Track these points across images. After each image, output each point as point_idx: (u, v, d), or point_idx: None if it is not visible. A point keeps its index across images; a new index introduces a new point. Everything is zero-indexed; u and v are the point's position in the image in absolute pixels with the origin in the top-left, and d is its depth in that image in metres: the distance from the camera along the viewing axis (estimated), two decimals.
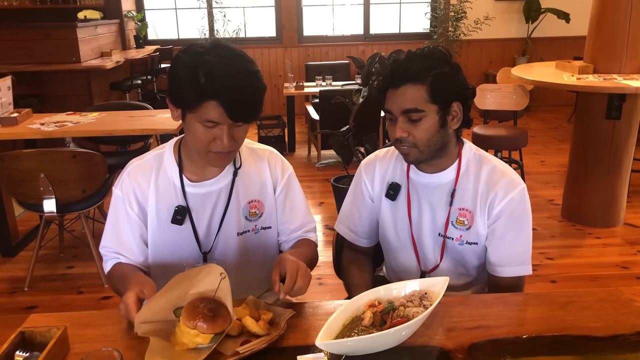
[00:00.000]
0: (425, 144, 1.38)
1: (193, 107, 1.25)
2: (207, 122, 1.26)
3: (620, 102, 3.34)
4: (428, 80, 1.34)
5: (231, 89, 1.22)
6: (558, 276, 3.07)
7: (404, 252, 1.56)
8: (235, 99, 1.23)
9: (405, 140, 1.38)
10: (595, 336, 1.17)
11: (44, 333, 1.13)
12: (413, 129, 1.37)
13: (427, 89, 1.34)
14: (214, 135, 1.28)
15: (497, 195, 1.43)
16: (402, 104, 1.35)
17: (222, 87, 1.22)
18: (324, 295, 2.91)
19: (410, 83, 1.35)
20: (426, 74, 1.34)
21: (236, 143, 1.32)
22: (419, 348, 1.14)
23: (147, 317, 1.14)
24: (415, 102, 1.35)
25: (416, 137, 1.37)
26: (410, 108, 1.35)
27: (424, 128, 1.36)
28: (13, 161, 2.78)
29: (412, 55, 1.38)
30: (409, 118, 1.36)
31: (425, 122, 1.36)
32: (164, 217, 1.43)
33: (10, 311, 2.83)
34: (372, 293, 1.24)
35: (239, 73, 1.24)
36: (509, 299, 1.34)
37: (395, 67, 1.37)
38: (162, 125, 3.29)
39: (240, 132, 1.32)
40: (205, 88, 1.22)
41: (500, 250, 1.45)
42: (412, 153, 1.40)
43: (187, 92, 1.25)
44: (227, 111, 1.23)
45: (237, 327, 1.15)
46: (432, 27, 7.07)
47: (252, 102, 1.27)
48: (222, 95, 1.22)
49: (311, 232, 1.59)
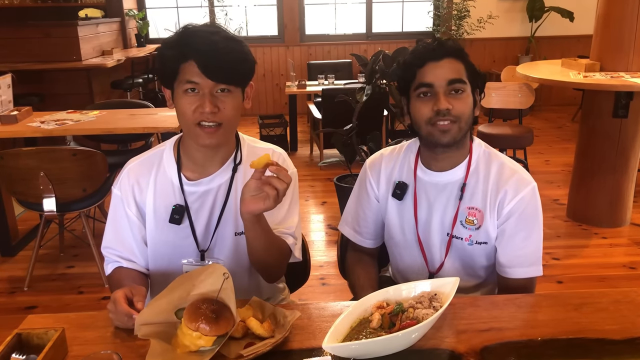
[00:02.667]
0: (466, 120, 1.37)
1: (175, 74, 1.28)
2: (187, 83, 1.27)
3: (627, 100, 3.30)
4: (466, 58, 1.38)
5: (207, 45, 1.25)
6: (564, 277, 3.03)
7: (410, 252, 1.52)
8: (211, 56, 1.25)
9: (449, 113, 1.34)
10: (611, 339, 1.13)
11: (41, 335, 1.09)
12: (456, 101, 1.35)
13: (465, 66, 1.37)
14: (197, 102, 1.28)
15: (507, 194, 1.39)
16: (447, 74, 1.35)
17: (199, 45, 1.25)
18: (328, 295, 2.88)
19: (452, 57, 1.36)
20: (463, 52, 1.39)
21: (222, 114, 1.29)
22: (430, 351, 1.10)
23: (148, 318, 1.11)
24: (460, 73, 1.36)
25: (459, 109, 1.35)
26: (456, 78, 1.35)
27: (466, 102, 1.36)
28: (12, 159, 2.75)
29: (439, 39, 1.41)
30: (453, 89, 1.35)
31: (467, 97, 1.37)
32: (162, 216, 1.40)
33: (10, 311, 2.80)
34: (381, 294, 1.20)
35: (219, 35, 1.27)
36: (521, 300, 1.30)
37: (431, 45, 1.38)
38: (163, 123, 3.26)
39: (226, 103, 1.29)
40: (183, 48, 1.26)
41: (510, 250, 1.41)
42: (453, 129, 1.36)
43: (169, 57, 1.28)
44: (202, 68, 1.24)
45: (241, 329, 1.11)
46: (435, 25, 7.03)
47: (229, 61, 1.27)
48: (197, 53, 1.24)
49: (289, 236, 1.42)
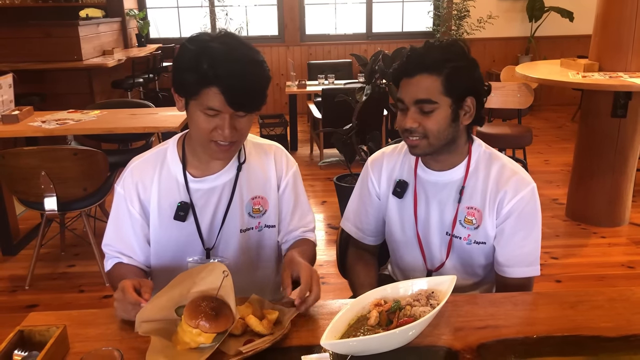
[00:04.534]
0: (436, 136, 1.35)
1: (195, 94, 1.24)
2: (208, 109, 1.24)
3: (626, 100, 3.31)
4: (444, 72, 1.31)
5: (232, 75, 1.20)
6: (563, 276, 3.04)
7: (410, 250, 1.54)
8: (236, 86, 1.21)
9: (415, 130, 1.35)
10: (607, 336, 1.14)
11: (43, 332, 1.10)
12: (424, 119, 1.34)
13: (442, 80, 1.31)
14: (215, 124, 1.26)
15: (507, 194, 1.40)
16: (416, 93, 1.33)
17: (223, 73, 1.20)
18: (327, 294, 2.89)
19: (425, 73, 1.32)
20: (442, 65, 1.31)
21: (238, 134, 1.29)
22: (426, 348, 1.11)
23: (148, 315, 1.12)
24: (429, 92, 1.32)
25: (427, 127, 1.34)
26: (423, 98, 1.32)
27: (435, 120, 1.33)
28: (14, 159, 2.76)
29: (430, 45, 1.36)
30: (421, 109, 1.33)
31: (438, 114, 1.33)
32: (167, 214, 1.41)
33: (11, 310, 2.81)
34: (378, 292, 1.21)
35: (242, 60, 1.23)
36: (517, 298, 1.31)
37: (412, 56, 1.35)
38: (164, 123, 3.27)
39: (243, 123, 1.29)
40: (206, 73, 1.20)
41: (508, 250, 1.43)
42: (421, 144, 1.36)
43: (189, 78, 1.23)
44: (227, 98, 1.21)
45: (240, 326, 1.13)
46: (435, 25, 7.03)
47: (253, 90, 1.25)
48: (222, 82, 1.20)
49: (310, 232, 1.55)
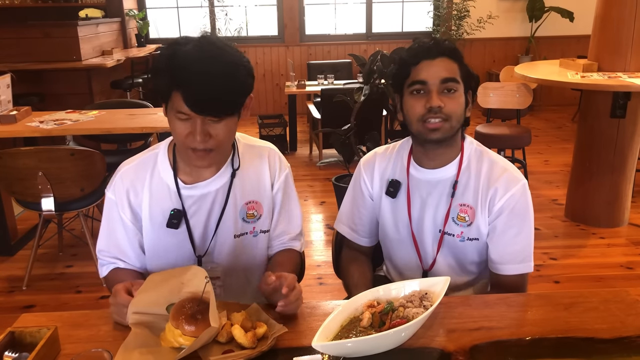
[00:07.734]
0: (457, 119, 1.38)
1: (166, 98, 1.23)
2: (179, 113, 1.21)
3: (625, 101, 3.31)
4: (459, 59, 1.39)
5: (195, 78, 1.15)
6: (562, 276, 3.03)
7: (404, 249, 1.53)
8: (200, 90, 1.16)
9: (439, 111, 1.35)
10: (601, 338, 1.14)
11: (34, 333, 1.10)
12: (448, 100, 1.36)
13: (459, 66, 1.38)
14: (188, 129, 1.22)
15: (498, 192, 1.41)
16: (441, 72, 1.36)
17: (185, 76, 1.16)
18: (325, 295, 2.89)
19: (446, 57, 1.37)
20: (458, 53, 1.40)
21: (214, 140, 1.24)
22: (419, 350, 1.11)
23: (140, 308, 1.13)
24: (453, 73, 1.37)
25: (450, 108, 1.36)
26: (449, 77, 1.36)
27: (458, 101, 1.38)
28: (11, 159, 2.75)
29: (438, 38, 1.42)
30: (446, 88, 1.36)
31: (459, 96, 1.38)
32: (158, 221, 1.39)
33: (8, 310, 2.81)
34: (371, 293, 1.21)
35: (211, 63, 1.17)
36: (511, 299, 1.31)
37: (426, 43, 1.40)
38: (162, 123, 3.25)
39: (218, 129, 1.23)
40: (172, 76, 1.18)
41: (501, 247, 1.43)
42: (443, 127, 1.37)
43: (159, 82, 1.22)
44: (189, 102, 1.17)
45: (226, 334, 1.11)
46: (434, 25, 7.03)
47: (219, 94, 1.18)
48: (185, 85, 1.16)
49: (296, 240, 1.53)
